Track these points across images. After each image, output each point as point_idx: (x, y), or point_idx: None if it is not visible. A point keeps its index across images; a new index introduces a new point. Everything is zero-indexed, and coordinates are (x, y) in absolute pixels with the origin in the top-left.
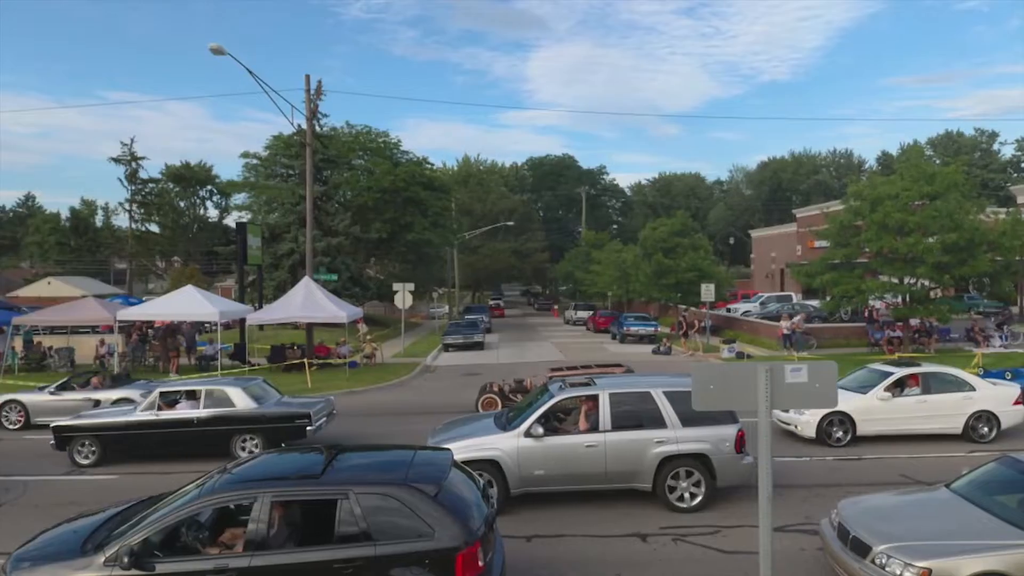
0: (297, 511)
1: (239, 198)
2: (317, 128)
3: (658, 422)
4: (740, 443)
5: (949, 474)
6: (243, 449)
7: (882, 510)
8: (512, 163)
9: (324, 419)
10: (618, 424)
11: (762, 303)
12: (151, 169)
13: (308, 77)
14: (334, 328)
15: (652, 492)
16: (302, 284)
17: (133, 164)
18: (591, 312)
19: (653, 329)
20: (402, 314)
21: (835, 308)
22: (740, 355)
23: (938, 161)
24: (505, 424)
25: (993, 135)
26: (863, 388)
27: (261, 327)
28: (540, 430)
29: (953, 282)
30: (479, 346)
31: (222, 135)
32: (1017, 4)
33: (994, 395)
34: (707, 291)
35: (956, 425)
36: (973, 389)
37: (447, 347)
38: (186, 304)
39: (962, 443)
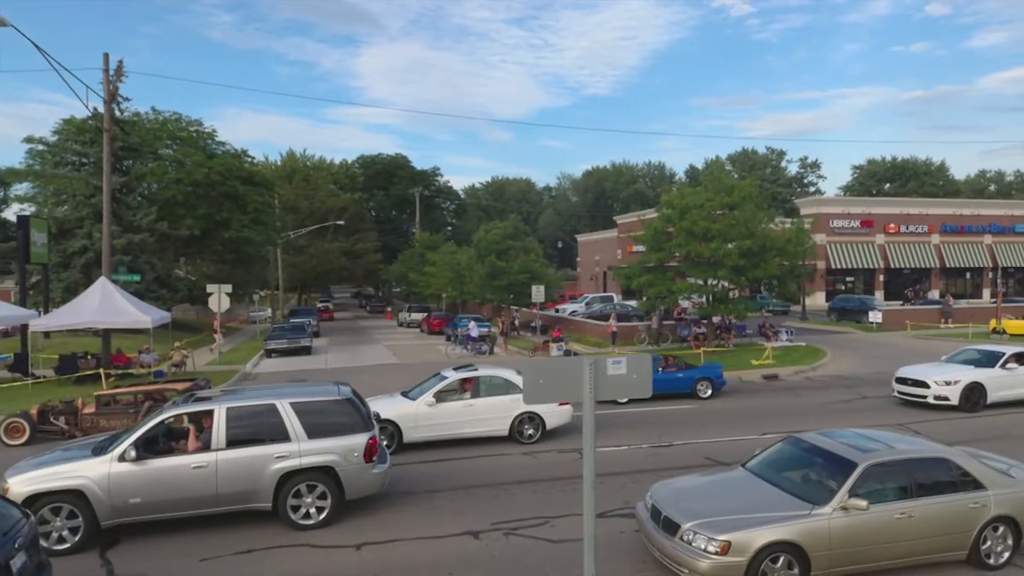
0: None
1: (21, 188)
2: (117, 112)
3: (282, 436)
4: (370, 452)
5: (746, 455)
6: None
7: (689, 491)
8: (342, 160)
9: None
10: (235, 441)
11: (587, 303)
12: None
13: (107, 56)
14: (137, 335)
15: (273, 511)
16: (98, 285)
17: None
18: (425, 314)
19: (487, 330)
20: (217, 318)
21: (651, 308)
22: (568, 352)
23: (736, 175)
24: (102, 449)
25: (781, 153)
26: (417, 395)
27: (47, 334)
28: (134, 453)
29: (748, 283)
30: (306, 351)
31: (1, 117)
32: (802, 38)
33: None
34: (538, 292)
35: (503, 427)
36: (521, 391)
37: (270, 353)
38: None
39: (754, 426)
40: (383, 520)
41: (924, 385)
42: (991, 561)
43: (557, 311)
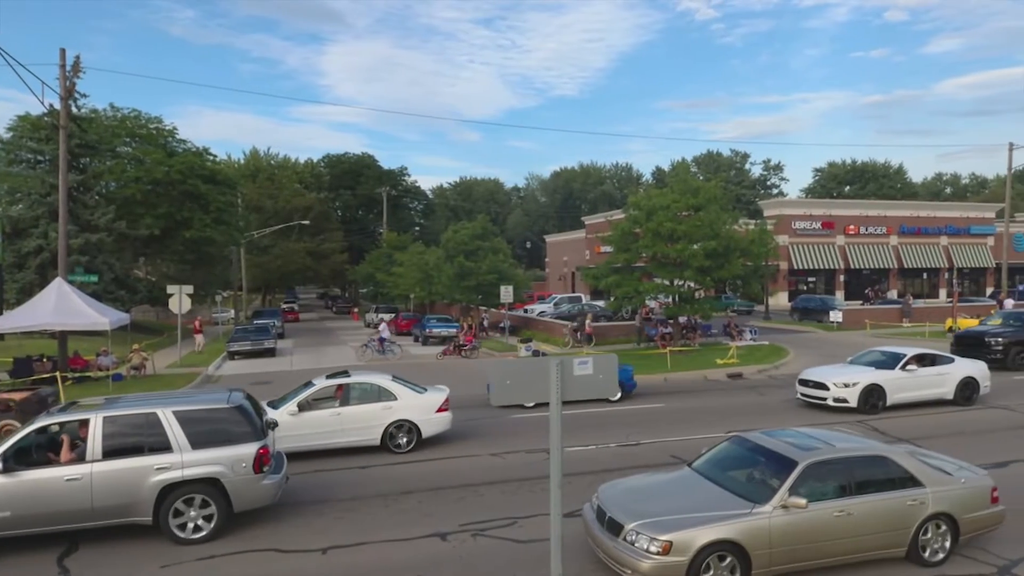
0: None
1: None
2: (74, 109)
3: (163, 446)
4: (260, 462)
5: None
6: None
7: (635, 491)
8: (307, 159)
9: None
10: (112, 451)
11: (555, 304)
12: None
13: (63, 51)
14: (95, 337)
15: (155, 525)
16: (53, 286)
17: None
18: (393, 315)
19: (455, 331)
20: (178, 319)
21: (618, 308)
22: (536, 353)
23: (702, 177)
24: None
25: (745, 156)
26: (281, 405)
27: (1, 336)
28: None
29: (713, 284)
30: (271, 352)
31: None
32: (765, 43)
33: (416, 404)
34: (506, 293)
35: (374, 436)
36: (395, 398)
37: (233, 355)
38: None
39: (718, 424)
40: (351, 522)
41: (824, 387)
42: (931, 558)
43: (526, 311)
